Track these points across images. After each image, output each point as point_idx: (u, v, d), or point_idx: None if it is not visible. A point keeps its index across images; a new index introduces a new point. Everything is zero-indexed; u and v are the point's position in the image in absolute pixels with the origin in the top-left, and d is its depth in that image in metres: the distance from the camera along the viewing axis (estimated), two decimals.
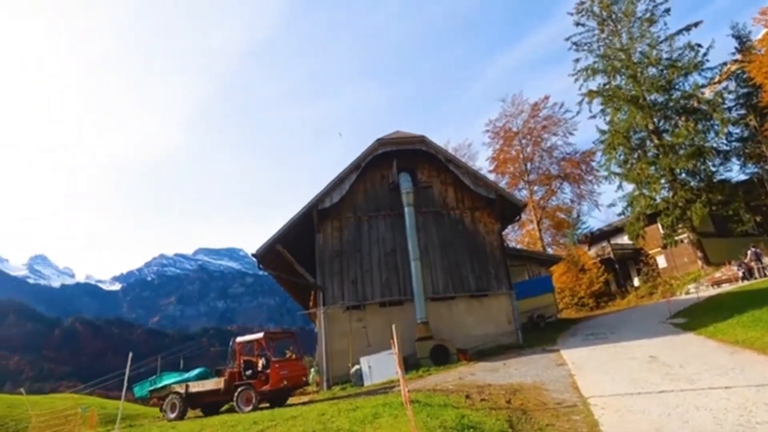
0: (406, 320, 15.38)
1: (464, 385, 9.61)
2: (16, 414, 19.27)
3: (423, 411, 6.56)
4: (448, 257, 17.48)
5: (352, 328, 16.06)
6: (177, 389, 12.93)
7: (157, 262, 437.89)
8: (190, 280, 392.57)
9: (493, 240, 18.09)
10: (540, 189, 38.36)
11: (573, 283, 31.63)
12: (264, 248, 16.67)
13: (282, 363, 12.46)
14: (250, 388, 11.78)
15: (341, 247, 17.23)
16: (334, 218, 17.45)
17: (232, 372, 12.50)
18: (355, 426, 6.17)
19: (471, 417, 6.19)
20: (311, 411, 8.10)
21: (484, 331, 16.60)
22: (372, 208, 17.91)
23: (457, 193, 18.51)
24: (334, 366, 15.59)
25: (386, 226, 17.72)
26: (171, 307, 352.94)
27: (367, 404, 7.95)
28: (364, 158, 17.72)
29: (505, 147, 38.79)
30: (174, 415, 12.69)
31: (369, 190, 18.19)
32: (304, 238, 17.23)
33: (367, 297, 16.62)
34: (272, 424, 7.20)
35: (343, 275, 16.84)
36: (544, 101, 37.26)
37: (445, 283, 17.14)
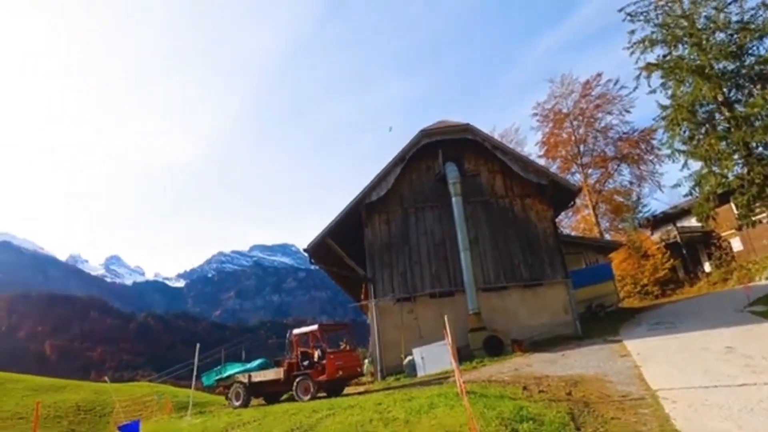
0: (458, 311, 15.24)
1: (520, 376, 9.40)
2: (101, 400, 21.17)
3: (479, 402, 6.49)
4: (498, 247, 17.09)
5: (404, 320, 16.15)
6: (240, 379, 13.64)
7: (216, 259, 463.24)
8: (247, 275, 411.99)
9: (546, 227, 17.44)
10: (595, 172, 36.40)
11: (635, 270, 29.85)
12: (315, 243, 17.10)
13: (337, 354, 12.78)
14: (308, 378, 12.19)
15: (389, 239, 17.32)
16: (381, 211, 17.56)
17: (290, 363, 12.99)
18: (412, 416, 6.22)
19: (529, 409, 6.05)
20: (368, 400, 8.26)
21: (539, 321, 16.12)
22: (419, 200, 17.84)
23: (505, 180, 18.00)
24: (387, 357, 15.78)
25: (434, 217, 17.59)
26: (231, 302, 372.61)
27: (422, 395, 7.99)
28: (409, 150, 17.64)
29: (556, 130, 37.11)
30: (239, 403, 13.41)
31: (415, 181, 18.11)
32: (353, 232, 17.49)
33: (417, 289, 16.63)
34: (331, 412, 7.42)
35: (393, 267, 16.94)
36: (596, 79, 35.15)
37: (497, 273, 16.78)
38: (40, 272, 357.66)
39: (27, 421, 17.76)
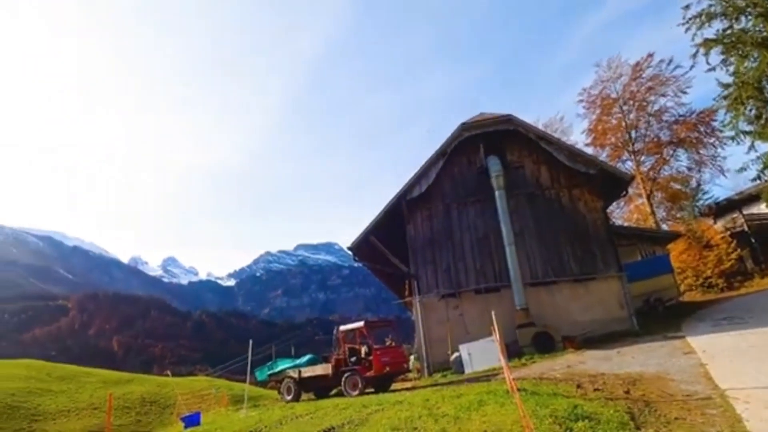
0: (504, 307, 14.91)
1: (574, 374, 9.07)
2: (164, 392, 22.57)
3: (531, 399, 6.34)
4: (545, 240, 16.55)
5: (449, 316, 16.03)
6: (291, 374, 14.07)
7: (263, 258, 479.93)
8: (293, 274, 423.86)
9: (596, 219, 16.70)
10: (648, 159, 34.32)
11: (696, 262, 27.90)
12: (358, 241, 17.31)
13: (383, 350, 12.88)
14: (356, 374, 12.38)
15: (432, 235, 17.22)
16: (423, 207, 17.48)
17: (338, 358, 13.24)
18: (461, 412, 6.16)
19: (584, 407, 5.83)
20: (415, 397, 8.28)
21: (591, 317, 15.48)
22: (461, 195, 17.60)
23: (551, 171, 17.38)
24: (433, 353, 15.74)
25: (476, 211, 17.30)
26: (278, 300, 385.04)
27: (470, 391, 7.90)
28: (449, 144, 17.44)
29: (604, 116, 35.32)
30: (290, 397, 13.85)
31: (456, 176, 17.88)
32: (395, 229, 17.54)
33: (462, 284, 16.44)
34: (380, 408, 7.50)
35: (436, 264, 16.84)
36: (647, 60, 33.04)
37: (544, 268, 16.27)
38: (106, 274, 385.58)
39: (100, 411, 19.25)
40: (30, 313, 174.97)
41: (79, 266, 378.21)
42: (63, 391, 21.29)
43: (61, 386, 21.87)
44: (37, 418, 18.10)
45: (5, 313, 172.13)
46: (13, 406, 18.31)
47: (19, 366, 24.42)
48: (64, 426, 17.85)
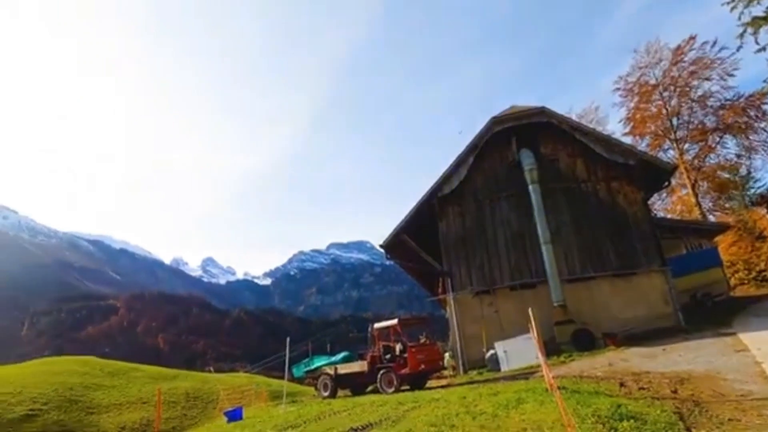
0: (541, 304, 14.58)
1: (616, 372, 8.79)
2: (207, 388, 23.41)
3: (571, 398, 6.19)
4: (582, 234, 16.06)
5: (484, 313, 15.84)
6: (327, 371, 14.31)
7: (297, 258, 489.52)
8: (326, 272, 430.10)
9: (637, 211, 16.05)
10: (692, 147, 32.59)
11: (748, 254, 26.30)
12: (390, 239, 17.36)
13: (418, 347, 12.89)
14: (391, 371, 12.45)
15: (464, 232, 17.05)
16: (454, 204, 17.33)
17: (373, 356, 13.35)
18: (499, 410, 6.10)
19: (629, 406, 5.65)
20: (452, 394, 8.25)
21: (633, 313, 14.91)
22: (493, 190, 17.32)
23: (587, 163, 16.83)
24: (468, 351, 15.61)
25: (510, 206, 16.99)
26: (313, 298, 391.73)
27: (508, 389, 7.80)
28: (480, 139, 17.19)
29: (642, 104, 33.79)
30: (327, 394, 14.09)
31: (488, 171, 17.61)
32: (427, 226, 17.47)
33: (497, 281, 16.20)
34: (416, 405, 7.53)
35: (470, 260, 16.67)
36: (689, 42, 31.32)
37: (582, 263, 15.80)
38: (151, 274, 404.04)
39: (149, 404, 20.22)
40: (84, 312, 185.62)
41: (126, 268, 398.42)
42: (114, 386, 22.48)
43: (112, 381, 23.09)
44: (93, 410, 19.21)
45: (62, 313, 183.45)
46: (71, 400, 19.52)
47: (76, 362, 25.95)
48: (116, 418, 18.87)
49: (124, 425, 18.14)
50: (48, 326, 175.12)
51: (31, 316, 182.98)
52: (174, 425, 18.04)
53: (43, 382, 20.60)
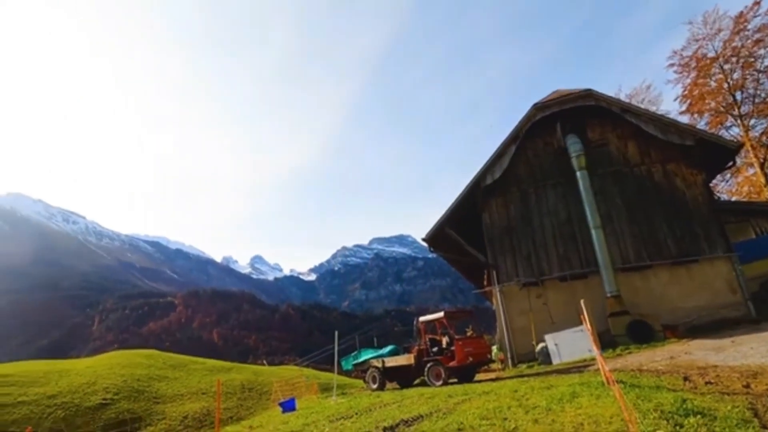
0: (593, 294, 14.06)
1: (678, 365, 8.30)
2: (260, 380, 24.40)
3: (631, 392, 5.92)
4: (637, 221, 15.25)
5: (532, 305, 15.45)
6: (375, 364, 14.50)
7: (341, 253, 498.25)
8: (369, 267, 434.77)
9: (697, 194, 15.02)
10: (759, 122, 29.90)
11: None
12: (432, 232, 17.25)
13: (465, 340, 12.77)
14: (439, 364, 12.42)
15: (509, 222, 16.66)
16: (498, 194, 16.96)
17: (419, 349, 13.38)
18: (553, 404, 5.94)
19: (695, 401, 5.32)
20: (502, 387, 8.13)
21: (695, 303, 14.02)
22: (538, 179, 16.80)
23: (640, 146, 15.93)
24: (516, 343, 15.29)
25: (556, 195, 16.42)
26: (357, 293, 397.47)
27: (561, 383, 7.58)
28: (522, 127, 16.69)
29: (700, 79, 31.40)
30: (375, 386, 14.29)
31: (532, 159, 17.08)
32: (470, 218, 17.23)
33: (544, 272, 15.73)
34: (466, 397, 7.48)
35: (516, 251, 16.28)
36: (752, 8, 28.70)
37: (637, 251, 15.01)
38: (204, 273, 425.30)
39: (208, 395, 21.37)
40: (146, 308, 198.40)
41: (182, 266, 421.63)
42: (176, 377, 23.91)
43: (174, 373, 24.57)
44: (158, 400, 20.55)
45: (126, 309, 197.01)
46: (139, 390, 20.98)
47: (141, 355, 27.82)
48: (179, 408, 20.08)
49: (186, 414, 19.28)
50: (115, 322, 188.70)
51: (101, 312, 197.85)
52: (231, 415, 18.95)
53: (114, 374, 22.28)
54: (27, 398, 18.70)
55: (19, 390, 19.27)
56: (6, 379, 20.11)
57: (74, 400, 19.12)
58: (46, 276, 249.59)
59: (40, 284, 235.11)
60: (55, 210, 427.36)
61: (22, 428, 15.86)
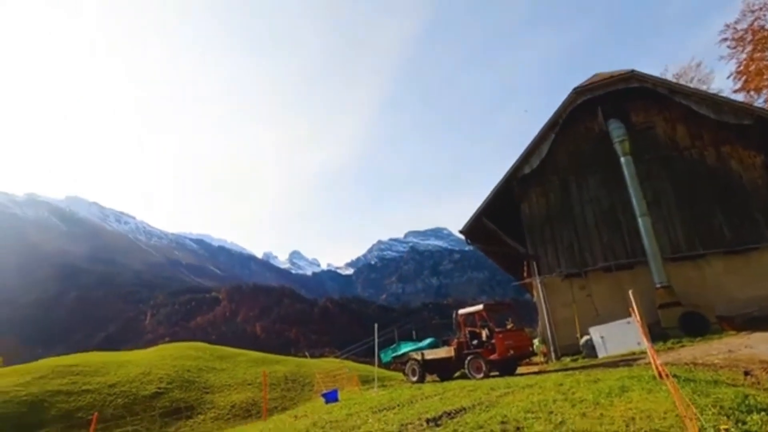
0: (640, 285, 13.41)
1: (737, 359, 7.84)
2: (302, 372, 25.07)
3: (685, 387, 5.65)
4: (688, 207, 14.44)
5: (575, 297, 15.00)
6: (415, 356, 14.55)
7: (377, 247, 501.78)
8: (405, 260, 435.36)
9: (756, 177, 14.03)
10: None
11: None
12: (469, 223, 17.03)
13: (506, 333, 12.58)
14: (479, 357, 12.31)
15: (549, 212, 16.20)
16: (536, 183, 16.51)
17: (459, 342, 13.29)
18: (601, 398, 5.76)
19: (758, 397, 5.02)
20: (546, 380, 7.96)
21: (754, 293, 13.15)
22: (579, 166, 16.21)
23: (690, 128, 15.04)
24: (559, 336, 14.92)
25: (598, 183, 15.79)
26: (393, 286, 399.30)
27: (609, 376, 7.33)
28: (561, 113, 16.13)
29: (757, 53, 29.08)
30: (415, 379, 14.35)
31: (572, 147, 16.50)
32: (508, 209, 16.88)
33: (588, 263, 15.21)
34: (509, 390, 7.38)
35: (556, 242, 15.82)
36: None
37: (689, 239, 14.22)
38: (246, 268, 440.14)
39: (253, 386, 22.20)
40: (193, 303, 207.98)
41: (225, 263, 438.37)
42: (223, 369, 24.98)
43: (221, 365, 25.68)
44: (207, 390, 21.57)
45: (176, 304, 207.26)
46: (189, 380, 22.09)
47: (190, 348, 29.25)
48: (227, 398, 20.98)
49: (234, 404, 20.12)
50: (165, 316, 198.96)
51: (152, 307, 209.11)
52: (276, 405, 19.59)
53: (166, 365, 23.54)
54: (90, 387, 20.12)
55: (84, 379, 20.76)
56: (72, 369, 21.71)
57: (132, 389, 20.39)
58: (102, 273, 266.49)
59: (98, 281, 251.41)
60: (109, 211, 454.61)
61: (88, 414, 17.10)
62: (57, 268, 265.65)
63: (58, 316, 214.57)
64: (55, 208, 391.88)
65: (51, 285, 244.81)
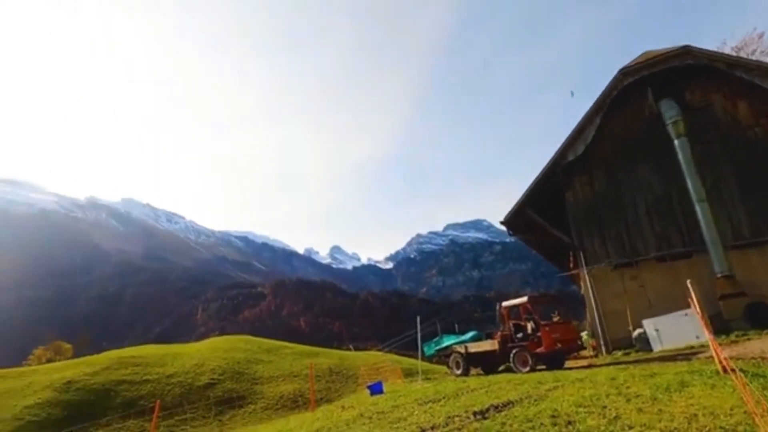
0: (699, 275, 12.61)
1: None
2: (345, 364, 25.55)
3: (753, 382, 5.27)
4: (752, 191, 13.39)
5: (626, 288, 14.33)
6: (458, 349, 14.45)
7: (416, 240, 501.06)
8: (445, 253, 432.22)
9: None
10: None
11: None
12: (511, 214, 16.63)
13: (552, 326, 12.24)
14: (525, 350, 12.05)
15: (596, 200, 15.53)
16: (582, 171, 15.86)
17: (503, 335, 13.06)
18: (659, 393, 5.49)
19: None
20: (597, 374, 7.68)
21: None
22: (627, 151, 15.40)
23: (752, 105, 13.90)
24: (609, 329, 14.33)
25: (649, 168, 14.95)
26: (434, 279, 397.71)
27: (666, 371, 6.97)
28: (607, 96, 15.36)
29: None
30: (459, 372, 14.26)
31: (619, 131, 15.68)
32: (551, 198, 16.33)
33: (639, 252, 14.47)
34: (558, 384, 7.18)
35: (604, 231, 15.16)
36: None
37: (753, 225, 13.20)
38: (288, 264, 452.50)
39: (299, 377, 22.86)
40: (240, 298, 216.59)
41: (268, 259, 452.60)
42: (270, 361, 25.87)
43: (268, 357, 26.60)
44: (256, 381, 22.44)
45: (224, 299, 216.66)
46: (239, 372, 23.07)
47: (239, 341, 30.48)
48: (275, 389, 21.74)
49: (282, 395, 20.82)
50: (215, 311, 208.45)
51: (203, 302, 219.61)
52: (321, 396, 20.09)
53: (218, 357, 24.68)
54: (150, 377, 21.46)
55: (144, 370, 22.17)
56: (133, 360, 23.22)
57: (187, 379, 21.56)
58: (156, 270, 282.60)
59: (152, 278, 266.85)
60: (160, 212, 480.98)
61: (149, 402, 18.28)
62: (116, 266, 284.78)
63: (119, 310, 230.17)
64: (112, 210, 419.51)
65: (111, 282, 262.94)
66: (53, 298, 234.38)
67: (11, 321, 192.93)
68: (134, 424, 17.40)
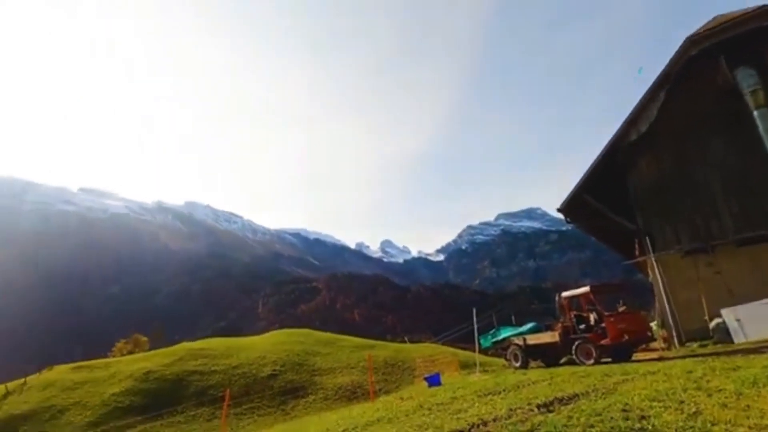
0: None
1: None
2: (401, 356, 25.75)
3: None
4: None
5: (701, 275, 13.24)
6: (516, 341, 14.08)
7: (467, 232, 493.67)
8: (497, 244, 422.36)
9: None
10: None
11: None
12: (568, 200, 15.88)
13: (618, 317, 11.58)
14: (589, 342, 11.51)
15: (663, 181, 14.43)
16: (646, 150, 14.78)
17: (565, 326, 12.55)
18: (744, 388, 5.03)
19: None
20: (672, 367, 7.17)
21: None
22: (697, 127, 14.15)
23: None
24: (682, 320, 13.33)
25: (723, 142, 13.66)
26: (487, 271, 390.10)
27: (752, 364, 6.39)
28: (673, 67, 14.17)
29: None
30: (518, 364, 13.90)
31: (688, 105, 14.42)
32: (612, 181, 15.38)
33: (715, 236, 13.31)
34: (627, 377, 6.79)
35: (673, 215, 14.08)
36: None
37: None
38: (340, 258, 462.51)
39: (356, 369, 23.35)
40: (297, 293, 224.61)
41: (321, 254, 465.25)
42: (328, 353, 26.62)
43: (326, 349, 27.38)
44: (315, 373, 23.20)
45: (282, 294, 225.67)
46: (299, 363, 23.96)
47: (298, 334, 31.64)
48: (333, 380, 22.36)
49: (340, 386, 21.39)
50: (274, 305, 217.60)
51: (263, 297, 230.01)
52: (379, 387, 20.40)
53: (278, 350, 25.77)
54: (218, 368, 22.83)
55: (212, 361, 23.62)
56: (202, 352, 24.81)
57: (251, 370, 22.72)
58: (219, 267, 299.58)
59: (215, 274, 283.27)
60: (220, 212, 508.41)
61: (217, 392, 19.48)
62: (183, 264, 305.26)
63: (187, 305, 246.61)
64: (177, 213, 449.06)
65: (179, 279, 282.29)
66: (134, 293, 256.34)
67: (100, 316, 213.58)
68: (206, 412, 18.64)
